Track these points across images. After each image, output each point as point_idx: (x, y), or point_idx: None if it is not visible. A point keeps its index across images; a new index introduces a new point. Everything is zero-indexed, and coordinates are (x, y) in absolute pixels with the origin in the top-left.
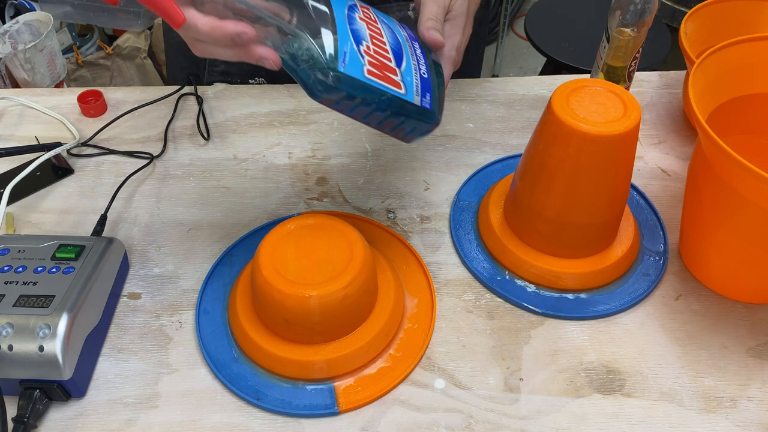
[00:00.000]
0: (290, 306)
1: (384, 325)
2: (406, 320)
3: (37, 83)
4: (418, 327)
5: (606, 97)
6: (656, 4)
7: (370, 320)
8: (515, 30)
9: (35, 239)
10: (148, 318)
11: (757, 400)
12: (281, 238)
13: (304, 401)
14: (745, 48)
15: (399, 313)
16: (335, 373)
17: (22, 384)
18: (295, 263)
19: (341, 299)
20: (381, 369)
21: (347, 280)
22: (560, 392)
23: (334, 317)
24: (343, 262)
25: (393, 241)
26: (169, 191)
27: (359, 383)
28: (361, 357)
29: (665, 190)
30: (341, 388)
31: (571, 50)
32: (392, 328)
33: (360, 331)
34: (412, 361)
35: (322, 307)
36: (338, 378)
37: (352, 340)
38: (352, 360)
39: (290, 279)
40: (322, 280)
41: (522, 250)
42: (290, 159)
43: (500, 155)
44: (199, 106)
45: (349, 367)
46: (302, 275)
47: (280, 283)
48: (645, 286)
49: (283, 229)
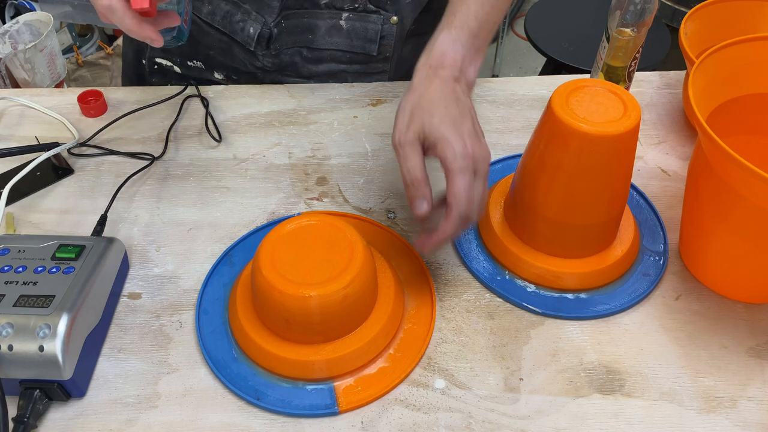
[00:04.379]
0: (290, 306)
1: (384, 325)
2: (406, 320)
3: (37, 83)
4: (417, 327)
5: (606, 97)
6: (656, 4)
7: (370, 320)
8: (515, 30)
9: (35, 239)
10: (148, 318)
11: (757, 400)
12: (281, 238)
13: (304, 401)
14: (745, 48)
15: (399, 314)
16: (335, 373)
17: (22, 384)
18: (295, 263)
19: (341, 299)
20: (381, 369)
21: (347, 281)
22: (560, 392)
23: (334, 317)
24: (343, 263)
25: (394, 241)
26: (169, 191)
27: (359, 383)
28: (361, 357)
29: (665, 190)
30: (341, 388)
31: (571, 50)
32: (392, 328)
33: (360, 331)
34: (411, 361)
35: (322, 307)
36: (338, 378)
37: (352, 340)
38: (352, 360)
39: (290, 279)
40: (321, 280)
41: (522, 250)
42: (290, 159)
43: (500, 155)
44: (205, 108)
45: (349, 367)
46: (302, 275)
47: (280, 283)
48: (645, 286)
49: (283, 229)
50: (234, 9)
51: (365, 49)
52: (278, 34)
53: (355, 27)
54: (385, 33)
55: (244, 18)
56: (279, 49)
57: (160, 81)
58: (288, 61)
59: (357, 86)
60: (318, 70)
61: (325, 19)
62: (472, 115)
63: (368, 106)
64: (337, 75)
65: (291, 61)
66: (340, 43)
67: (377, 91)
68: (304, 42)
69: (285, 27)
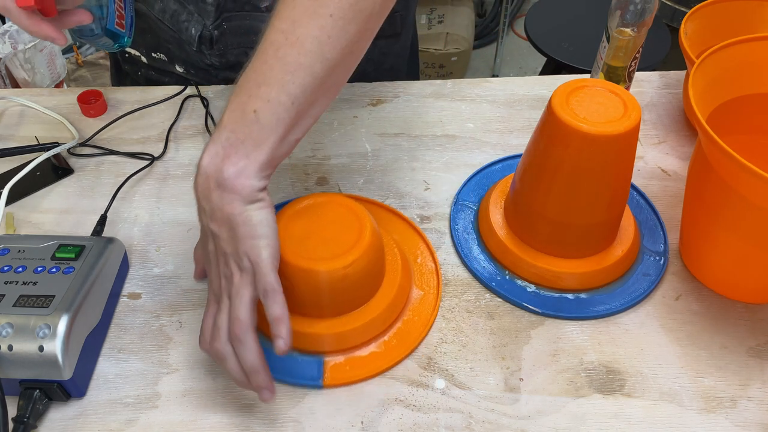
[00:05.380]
0: (291, 276)
1: (383, 310)
2: (408, 311)
3: (37, 83)
4: (417, 319)
5: (606, 97)
6: (656, 4)
7: (371, 303)
8: (515, 30)
9: (35, 239)
10: (148, 318)
11: (757, 400)
12: (295, 213)
13: (292, 369)
14: (745, 48)
15: (401, 303)
16: (326, 348)
17: (22, 384)
18: (304, 238)
19: (341, 278)
20: (373, 353)
21: (349, 260)
22: (560, 392)
23: (334, 294)
24: (350, 242)
25: (410, 232)
26: (169, 191)
27: (349, 362)
28: (355, 338)
29: (665, 190)
30: (330, 364)
31: (571, 50)
32: (391, 316)
33: (358, 312)
34: (404, 351)
35: (322, 282)
36: (329, 354)
37: (349, 320)
38: (345, 339)
39: (297, 252)
40: (325, 256)
41: (522, 250)
42: (290, 159)
43: (500, 155)
44: (205, 108)
45: (340, 346)
46: (309, 250)
47: (287, 254)
48: (645, 286)
49: (299, 204)
50: (180, 9)
51: None
52: (219, 35)
53: None
54: None
55: (188, 18)
56: (224, 49)
57: (131, 70)
58: (234, 61)
59: (357, 86)
60: None
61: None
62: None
63: (368, 106)
64: None
65: (237, 60)
66: None
67: (377, 91)
68: (249, 43)
69: (227, 29)
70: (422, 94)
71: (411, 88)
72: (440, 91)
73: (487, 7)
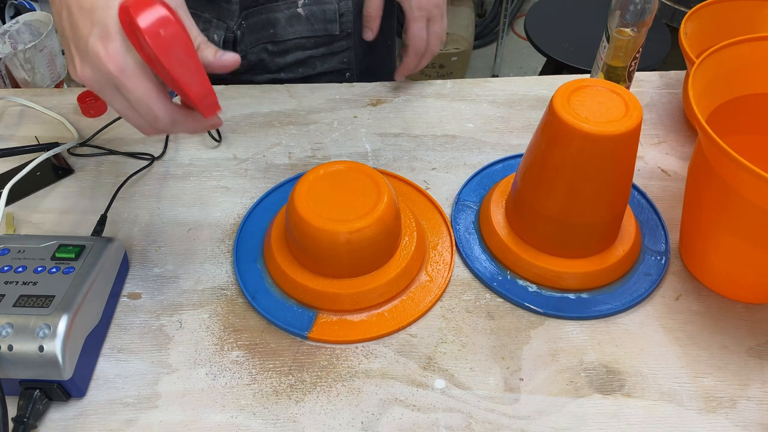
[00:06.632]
0: (295, 228)
1: (382, 284)
2: (410, 291)
3: (37, 83)
4: (416, 302)
5: (607, 96)
6: (656, 4)
7: (374, 275)
8: (515, 30)
9: (35, 239)
10: (148, 318)
11: (757, 400)
12: (318, 178)
13: (284, 315)
14: (745, 48)
15: (403, 282)
16: (320, 304)
17: (22, 384)
18: (323, 200)
19: (345, 242)
20: (363, 321)
21: (355, 227)
22: (560, 392)
23: (333, 256)
24: (362, 211)
25: (438, 221)
26: (169, 191)
27: (339, 323)
28: (351, 302)
29: (665, 190)
30: (322, 320)
31: (571, 50)
32: (391, 291)
33: (360, 279)
34: (394, 325)
35: (327, 243)
36: (324, 311)
37: (349, 284)
38: (341, 301)
39: (312, 210)
40: (335, 218)
41: (523, 250)
42: (290, 159)
43: (500, 155)
44: None
45: (334, 306)
46: (324, 211)
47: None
48: (646, 286)
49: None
50: (195, 19)
51: (327, 30)
52: (242, 35)
53: (314, 11)
54: (343, 10)
55: (206, 27)
56: (245, 50)
57: None
58: (255, 60)
59: (357, 86)
60: (286, 62)
61: (283, 11)
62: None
63: (368, 106)
64: (305, 62)
65: (258, 59)
66: (302, 31)
67: (377, 91)
68: (268, 37)
69: (247, 27)
70: (422, 94)
71: (411, 88)
72: (440, 91)
73: (487, 7)
